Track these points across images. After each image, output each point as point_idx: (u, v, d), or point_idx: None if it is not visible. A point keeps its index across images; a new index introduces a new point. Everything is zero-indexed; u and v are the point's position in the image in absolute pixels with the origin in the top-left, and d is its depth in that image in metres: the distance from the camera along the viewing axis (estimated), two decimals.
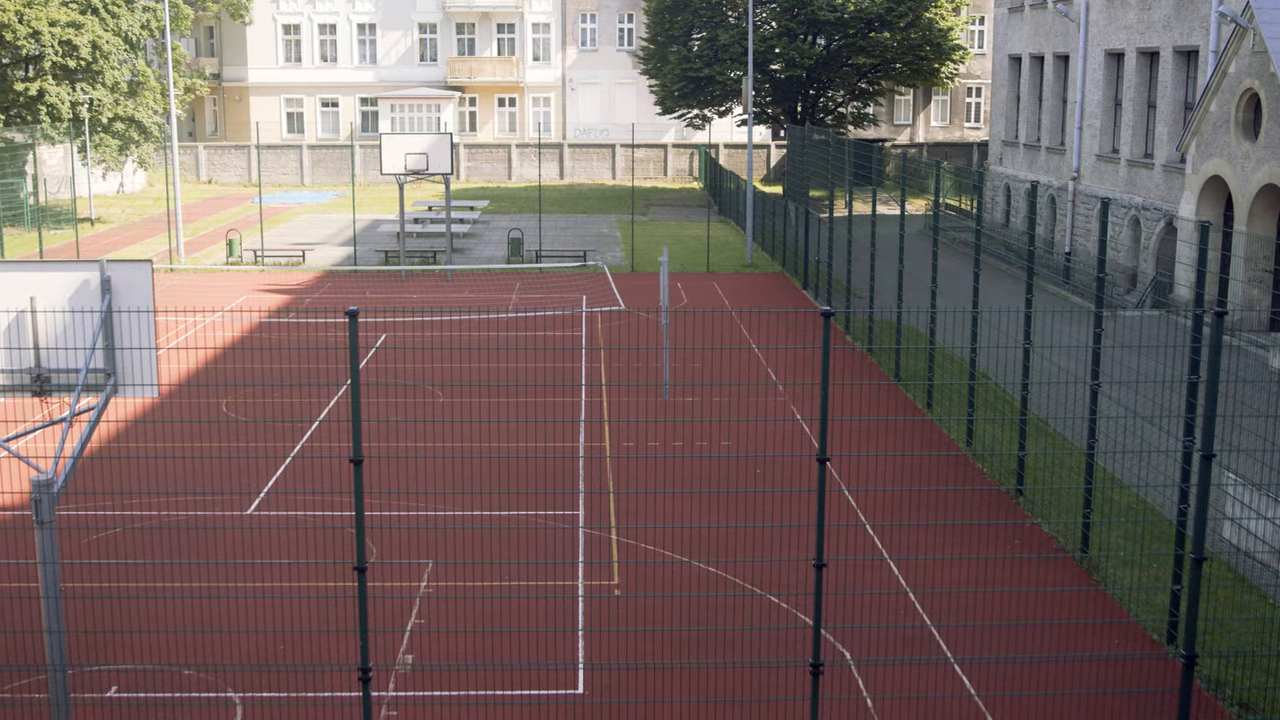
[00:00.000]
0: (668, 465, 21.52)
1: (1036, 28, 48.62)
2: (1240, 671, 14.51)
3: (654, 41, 67.06)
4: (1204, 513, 10.92)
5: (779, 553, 17.51)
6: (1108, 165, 42.30)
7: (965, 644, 15.17)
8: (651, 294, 37.65)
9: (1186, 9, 37.06)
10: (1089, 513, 18.08)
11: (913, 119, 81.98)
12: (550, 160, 78.02)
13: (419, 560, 17.51)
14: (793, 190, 45.24)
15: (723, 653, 14.82)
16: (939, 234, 25.92)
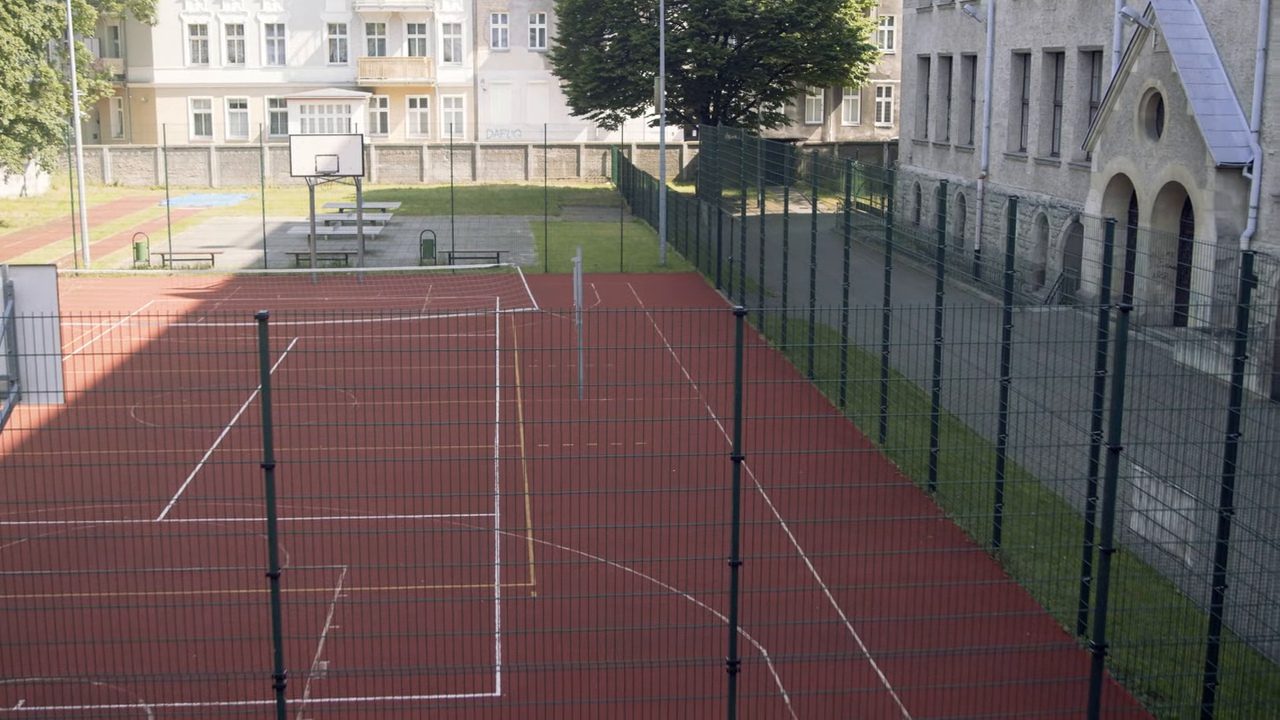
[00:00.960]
0: (583, 466, 21.50)
1: (945, 28, 49.16)
2: (1148, 660, 14.76)
3: (566, 42, 66.98)
4: (1112, 505, 11.09)
5: (695, 551, 17.55)
6: (1015, 164, 42.85)
7: (881, 638, 15.30)
8: (565, 294, 37.61)
9: (1090, 10, 37.64)
10: (1000, 507, 18.31)
11: (824, 119, 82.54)
12: (462, 161, 77.67)
13: (333, 565, 17.35)
14: (705, 190, 45.39)
15: (640, 652, 14.83)
16: (850, 233, 26.12)
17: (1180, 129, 31.54)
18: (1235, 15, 30.62)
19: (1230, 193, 30.27)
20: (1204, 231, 30.81)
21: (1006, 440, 18.23)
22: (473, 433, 23.59)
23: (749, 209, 34.92)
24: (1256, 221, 29.83)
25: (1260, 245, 29.64)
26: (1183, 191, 32.06)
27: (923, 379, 23.50)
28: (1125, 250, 33.68)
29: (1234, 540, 12.85)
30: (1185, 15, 32.00)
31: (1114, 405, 11.05)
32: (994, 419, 18.77)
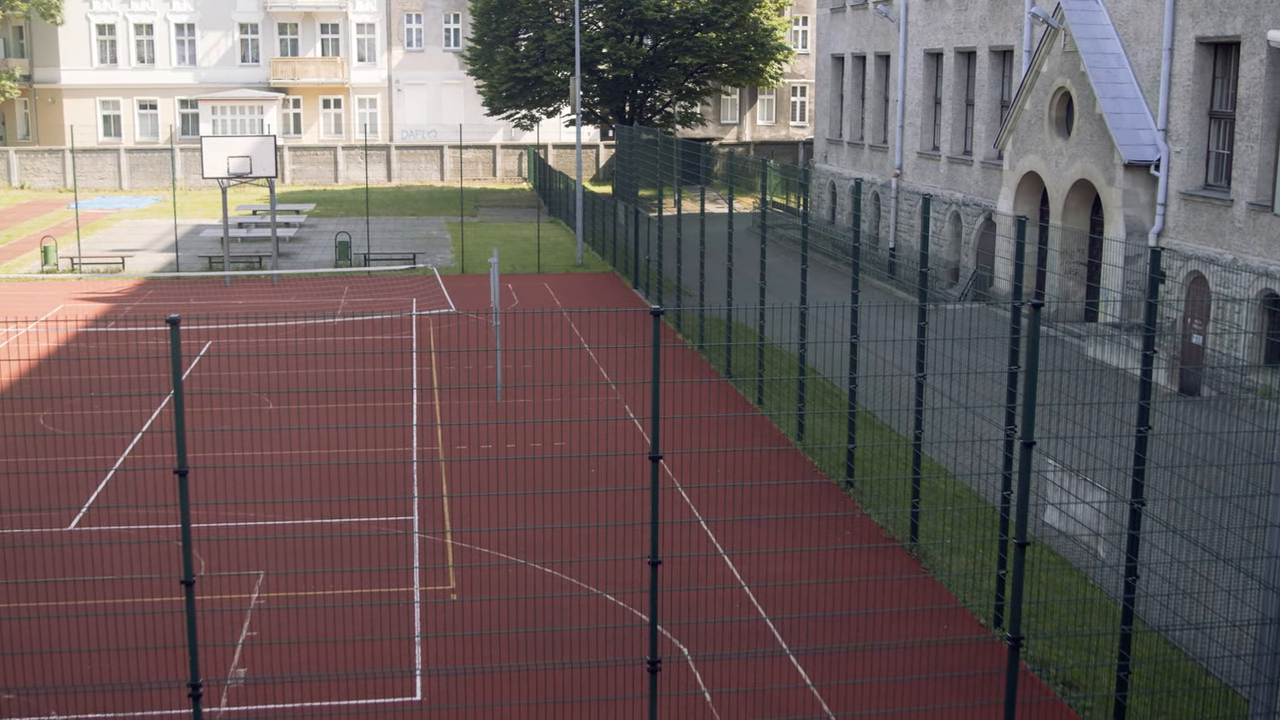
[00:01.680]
0: (502, 467, 21.43)
1: (858, 28, 49.54)
2: (1063, 651, 14.96)
3: (480, 42, 66.72)
4: (1026, 499, 11.22)
5: (614, 551, 17.55)
6: (929, 162, 43.28)
7: (800, 635, 15.38)
8: (482, 295, 37.46)
9: (1001, 10, 38.09)
10: (917, 502, 18.47)
11: (739, 118, 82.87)
12: (377, 162, 77.15)
13: (250, 571, 17.16)
14: (622, 190, 45.43)
15: (561, 653, 14.80)
16: (767, 232, 26.24)
17: (1089, 128, 32.00)
18: (1141, 15, 31.13)
19: (1138, 190, 30.77)
20: (1113, 228, 31.28)
21: (923, 436, 18.39)
22: (390, 435, 23.43)
23: (666, 208, 34.98)
24: (1164, 218, 30.34)
25: (1168, 242, 30.15)
26: (1092, 189, 32.54)
27: (839, 376, 23.66)
28: (1037, 247, 34.13)
29: (1145, 532, 13.06)
30: (1093, 16, 32.48)
31: (1027, 400, 11.18)
32: (910, 415, 18.94)
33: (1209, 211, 28.91)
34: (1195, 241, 29.28)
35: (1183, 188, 29.81)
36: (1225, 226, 28.33)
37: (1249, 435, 19.12)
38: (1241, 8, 27.52)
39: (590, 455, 22.06)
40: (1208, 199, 28.99)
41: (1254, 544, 13.18)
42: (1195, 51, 29.29)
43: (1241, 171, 27.88)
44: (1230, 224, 28.15)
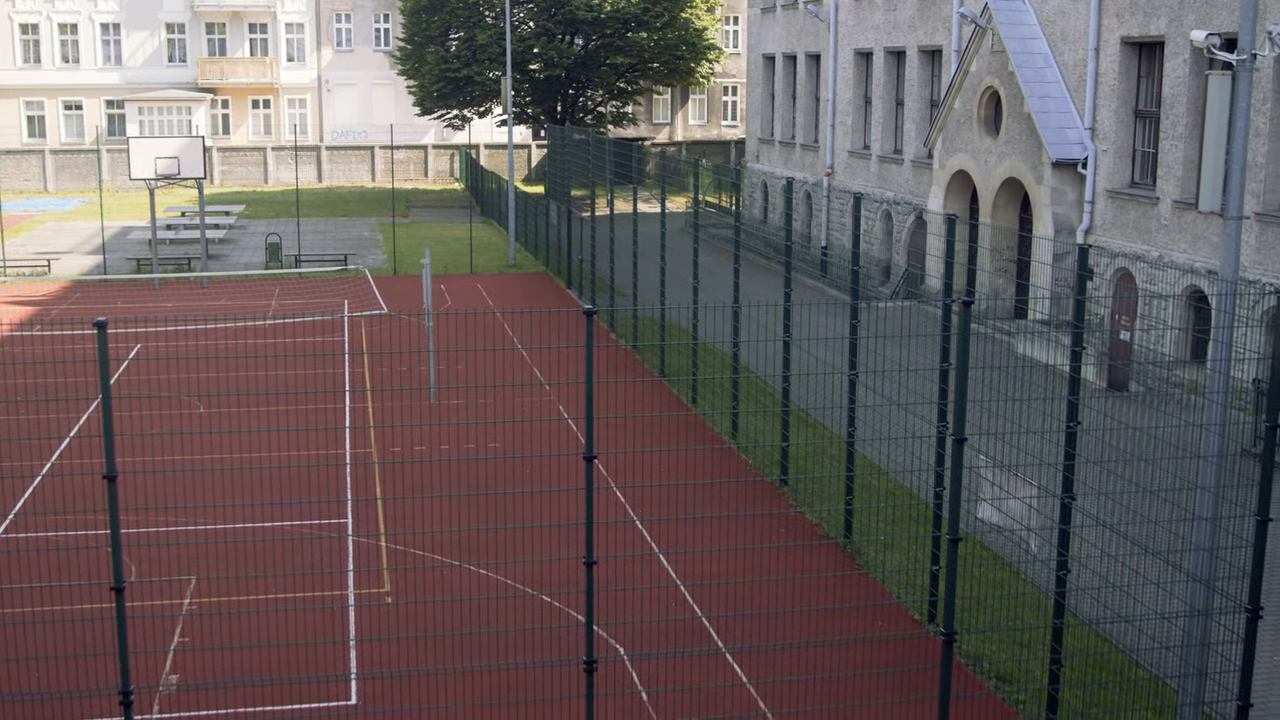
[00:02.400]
0: (436, 469, 21.33)
1: (788, 28, 49.75)
2: (996, 645, 15.10)
3: (411, 42, 66.39)
4: (958, 495, 11.31)
5: (550, 552, 17.51)
6: (860, 161, 43.54)
7: (736, 633, 15.42)
8: (415, 296, 37.28)
9: (930, 10, 38.39)
10: (851, 499, 18.57)
11: (671, 118, 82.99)
12: (308, 163, 76.58)
13: (181, 576, 16.98)
14: (554, 190, 45.37)
15: (497, 654, 14.76)
16: (699, 231, 26.29)
17: (1018, 127, 32.32)
18: (1067, 16, 31.48)
19: (1066, 188, 31.11)
20: (1042, 226, 31.61)
21: (856, 433, 18.50)
22: (323, 438, 23.26)
23: (598, 208, 34.97)
24: (1091, 216, 30.69)
25: (1095, 239, 30.51)
26: (1021, 187, 32.86)
27: (773, 375, 23.74)
28: (967, 245, 34.43)
29: (1076, 526, 13.20)
30: (1020, 16, 32.81)
31: (958, 397, 11.27)
32: (843, 413, 19.04)
33: (1135, 209, 29.28)
34: (1122, 239, 29.64)
35: (1109, 186, 30.18)
36: (1151, 224, 28.70)
37: (1176, 430, 19.38)
38: (1165, 8, 27.89)
39: (525, 456, 22.01)
40: (1134, 197, 29.36)
41: (1182, 537, 13.37)
42: (1120, 51, 29.66)
43: (1167, 170, 28.26)
44: (1156, 221, 28.53)
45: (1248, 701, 11.51)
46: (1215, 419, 12.00)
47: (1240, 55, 12.06)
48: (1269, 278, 25.15)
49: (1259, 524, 11.22)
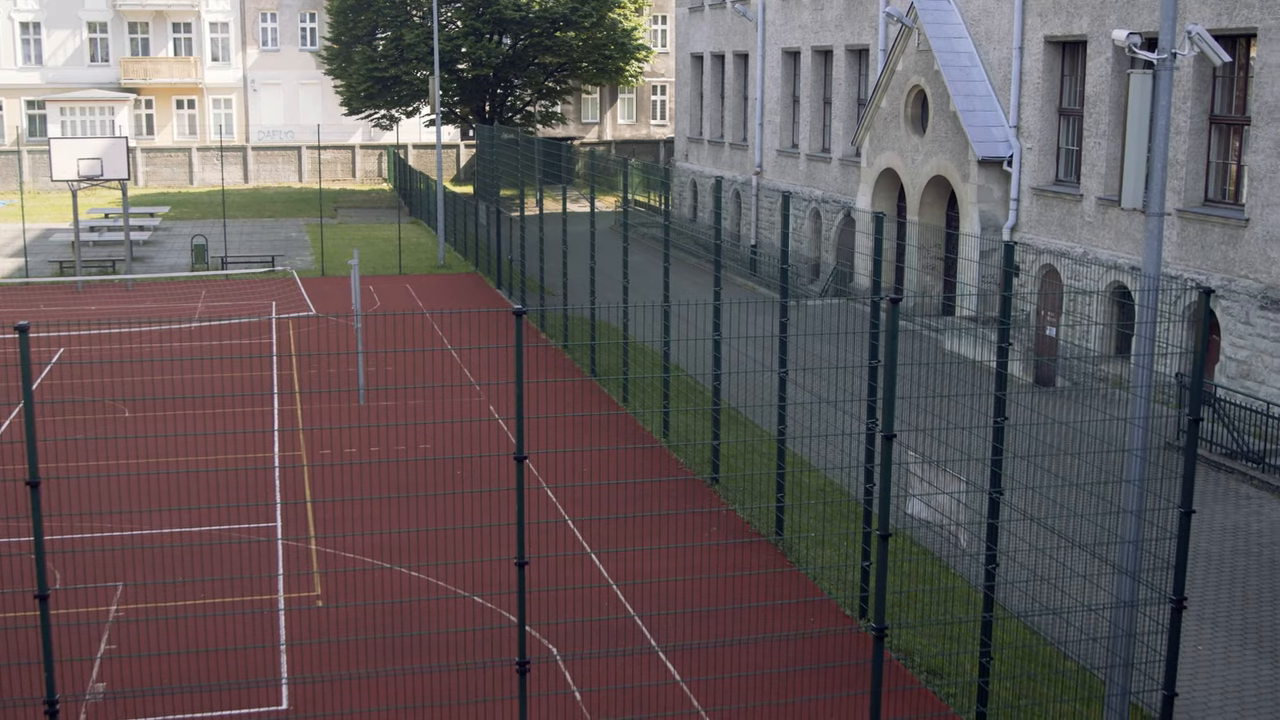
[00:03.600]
0: (366, 471, 21.20)
1: (716, 27, 49.89)
2: (927, 640, 15.21)
3: (338, 41, 65.94)
4: (888, 490, 11.38)
5: (482, 553, 17.44)
6: (788, 160, 43.73)
7: (669, 631, 15.43)
8: (343, 298, 37.02)
9: (856, 9, 38.62)
10: (782, 496, 18.64)
11: (600, 117, 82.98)
12: (233, 163, 75.84)
13: (107, 583, 16.75)
14: (483, 190, 45.21)
15: (429, 656, 14.69)
16: (629, 230, 26.30)
17: (944, 125, 32.59)
18: (992, 15, 31.79)
19: (992, 186, 31.41)
20: (968, 224, 31.90)
21: (786, 431, 18.58)
22: (251, 441, 23.05)
23: (528, 208, 34.88)
24: (1017, 213, 31.01)
25: (1021, 236, 30.83)
26: (948, 185, 33.14)
27: (703, 373, 23.78)
28: (895, 243, 34.69)
29: (1004, 520, 13.32)
30: (945, 15, 33.09)
31: (887, 393, 11.34)
32: (773, 411, 19.11)
33: (1060, 206, 29.62)
34: (1047, 235, 29.98)
35: (1035, 183, 30.51)
36: (1076, 221, 29.04)
37: (1101, 424, 19.64)
38: (1087, 7, 28.23)
39: (455, 457, 21.92)
40: (1059, 194, 29.70)
41: (1107, 530, 13.53)
42: (1044, 50, 29.99)
43: (1090, 167, 28.61)
44: (1080, 218, 28.87)
45: (1173, 691, 11.67)
46: (1139, 413, 12.15)
47: (1161, 54, 12.22)
48: (1191, 273, 25.53)
49: (1182, 516, 11.37)
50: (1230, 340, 24.59)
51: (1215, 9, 24.74)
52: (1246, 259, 24.34)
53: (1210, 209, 25.53)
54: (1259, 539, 18.98)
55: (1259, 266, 24.05)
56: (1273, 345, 23.59)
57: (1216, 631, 15.91)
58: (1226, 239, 24.85)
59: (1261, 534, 19.17)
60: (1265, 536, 19.07)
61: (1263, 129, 23.96)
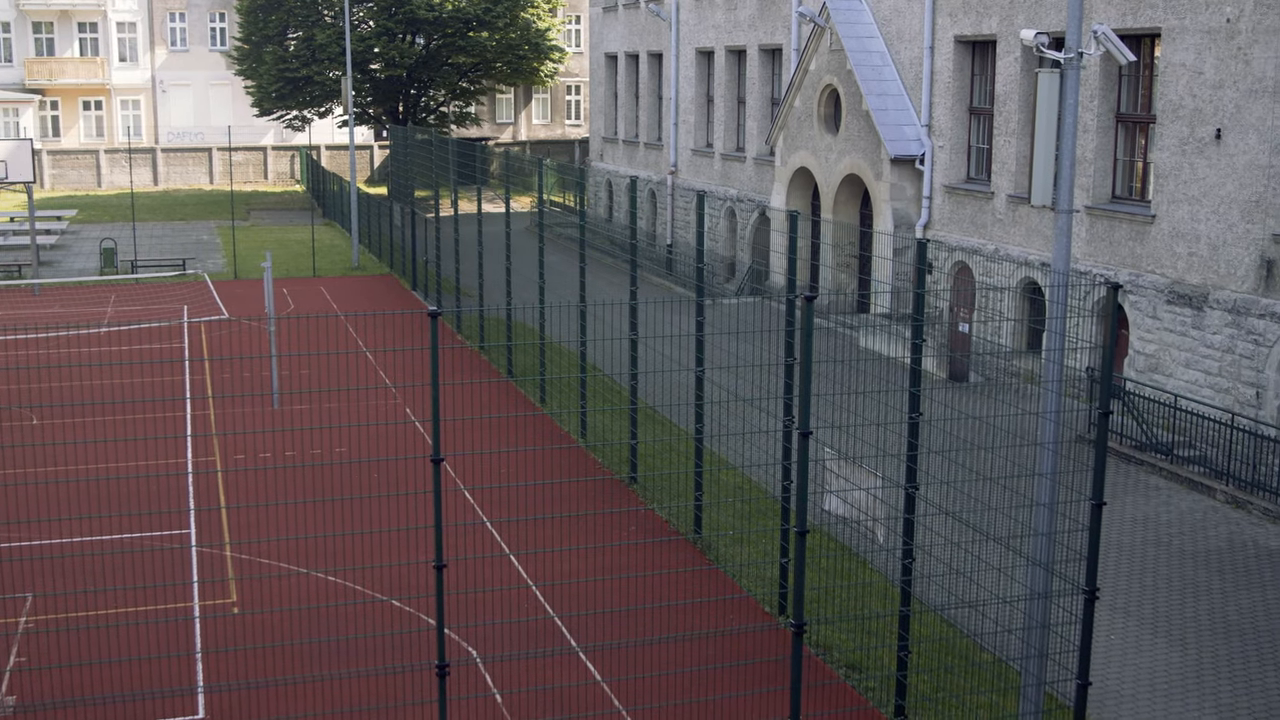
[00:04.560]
0: (282, 475, 20.99)
1: (630, 27, 49.93)
2: (846, 635, 15.32)
3: (248, 41, 65.21)
4: (805, 487, 11.45)
5: (400, 556, 17.34)
6: (703, 159, 43.87)
7: (589, 632, 15.42)
8: (256, 301, 36.63)
9: (769, 9, 38.82)
10: (700, 495, 18.70)
11: (515, 117, 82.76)
12: (143, 166, 74.77)
13: (17, 594, 16.45)
14: (398, 191, 44.93)
15: (347, 662, 14.57)
16: (545, 230, 26.25)
17: (857, 124, 32.85)
18: (903, 15, 32.08)
19: (905, 184, 31.71)
20: (882, 221, 32.18)
21: (703, 430, 18.63)
22: (163, 447, 22.74)
23: (442, 209, 34.73)
24: (929, 211, 31.33)
25: (933, 233, 31.14)
26: (861, 183, 33.41)
27: (620, 373, 23.81)
28: (810, 241, 34.90)
29: (920, 515, 13.45)
30: (857, 15, 33.35)
31: (803, 391, 11.40)
32: (691, 409, 19.16)
33: (972, 204, 29.96)
34: (960, 233, 30.31)
35: (946, 181, 30.83)
36: (987, 218, 29.39)
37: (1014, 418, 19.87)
38: (996, 8, 28.58)
39: (372, 460, 21.76)
40: (970, 192, 30.04)
41: (1021, 523, 13.70)
42: (955, 50, 30.32)
43: (1001, 165, 28.96)
44: (992, 215, 29.21)
45: (1087, 680, 11.84)
46: (1050, 407, 12.32)
47: (1068, 54, 12.39)
48: (1099, 269, 25.92)
49: (1094, 508, 11.54)
50: (1138, 335, 25.00)
51: (1120, 9, 25.14)
52: (1153, 254, 24.76)
53: (1118, 206, 25.94)
54: (1168, 529, 19.31)
55: (1165, 262, 24.47)
56: (1180, 339, 24.02)
57: (1128, 621, 16.17)
58: (1134, 235, 25.25)
59: (1170, 524, 19.52)
60: (1174, 527, 19.42)
61: (1167, 127, 24.38)
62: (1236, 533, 19.21)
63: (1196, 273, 23.75)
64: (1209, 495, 20.70)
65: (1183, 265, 24.07)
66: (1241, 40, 22.57)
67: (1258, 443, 20.74)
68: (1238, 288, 22.83)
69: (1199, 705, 14.12)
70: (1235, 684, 14.62)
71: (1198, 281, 23.72)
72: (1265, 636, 15.81)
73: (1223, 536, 19.07)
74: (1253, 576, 17.63)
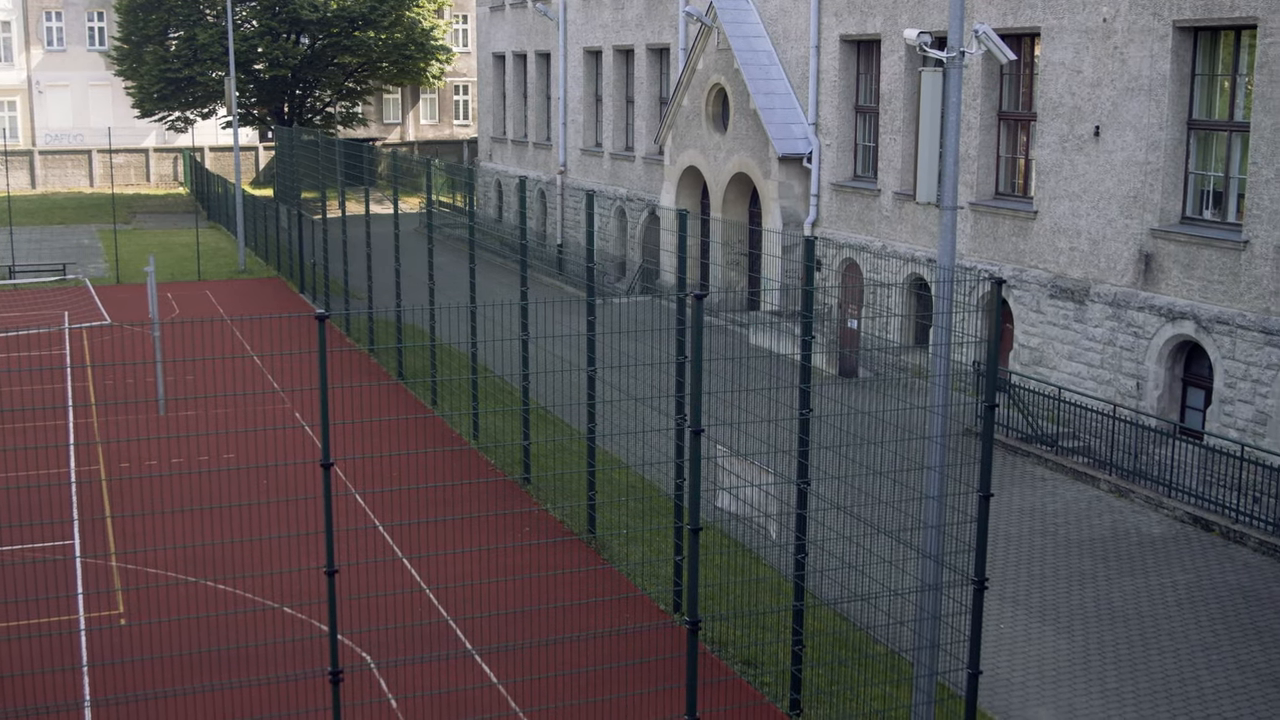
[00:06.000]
0: (169, 483, 20.63)
1: (518, 26, 49.79)
2: (741, 631, 15.41)
3: (128, 41, 64.04)
4: (698, 485, 11.49)
5: (291, 562, 17.11)
6: (592, 159, 43.87)
7: (485, 634, 15.36)
8: (140, 306, 35.97)
9: (657, 9, 38.91)
10: (593, 495, 18.69)
11: (402, 118, 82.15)
12: (19, 168, 73.08)
13: None
14: (284, 192, 44.37)
15: (239, 671, 14.36)
16: (434, 231, 26.09)
17: (745, 123, 33.05)
18: (789, 14, 32.33)
19: (793, 182, 31.96)
20: (770, 219, 32.41)
21: (596, 429, 18.63)
22: (46, 457, 22.24)
23: (330, 211, 34.35)
24: (818, 209, 31.61)
25: (821, 231, 31.43)
26: (750, 182, 33.62)
27: (512, 374, 23.72)
28: (699, 240, 35.06)
29: (813, 510, 13.56)
30: (744, 15, 33.55)
31: (694, 389, 11.44)
32: (583, 409, 19.15)
33: (859, 201, 30.28)
34: (847, 230, 30.62)
35: (834, 179, 31.13)
36: (874, 215, 29.72)
37: (903, 413, 20.12)
38: (881, 7, 28.91)
39: (261, 466, 21.46)
40: (857, 189, 30.36)
41: (911, 516, 13.87)
42: (840, 49, 30.62)
43: (887, 163, 29.31)
44: (879, 213, 29.55)
45: (978, 669, 12.01)
46: (938, 401, 12.48)
47: (950, 53, 12.57)
48: (984, 264, 26.33)
49: (981, 499, 11.72)
50: (1023, 328, 25.43)
51: (1001, 9, 25.56)
52: (1036, 250, 25.21)
53: (1001, 202, 26.37)
54: (1054, 519, 19.67)
55: (1048, 257, 24.92)
56: (1062, 332, 24.47)
57: (1017, 610, 16.45)
58: (1017, 231, 25.69)
59: (1056, 514, 19.88)
60: (1060, 516, 19.78)
61: (1048, 124, 24.83)
62: (1120, 521, 19.63)
63: (1078, 267, 24.22)
64: (1093, 485, 21.12)
65: (1064, 260, 24.53)
66: (1118, 39, 23.05)
67: (1139, 433, 21.21)
68: (1118, 281, 23.32)
69: (1086, 690, 14.41)
70: (1120, 668, 14.93)
71: (1079, 276, 24.19)
72: (1149, 621, 16.17)
73: (1106, 525, 19.47)
74: (1135, 563, 18.03)
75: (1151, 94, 22.46)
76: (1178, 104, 22.28)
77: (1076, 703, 14.15)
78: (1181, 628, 16.04)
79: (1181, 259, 22.08)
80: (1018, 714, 13.92)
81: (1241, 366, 20.78)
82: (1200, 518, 19.38)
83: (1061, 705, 14.10)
